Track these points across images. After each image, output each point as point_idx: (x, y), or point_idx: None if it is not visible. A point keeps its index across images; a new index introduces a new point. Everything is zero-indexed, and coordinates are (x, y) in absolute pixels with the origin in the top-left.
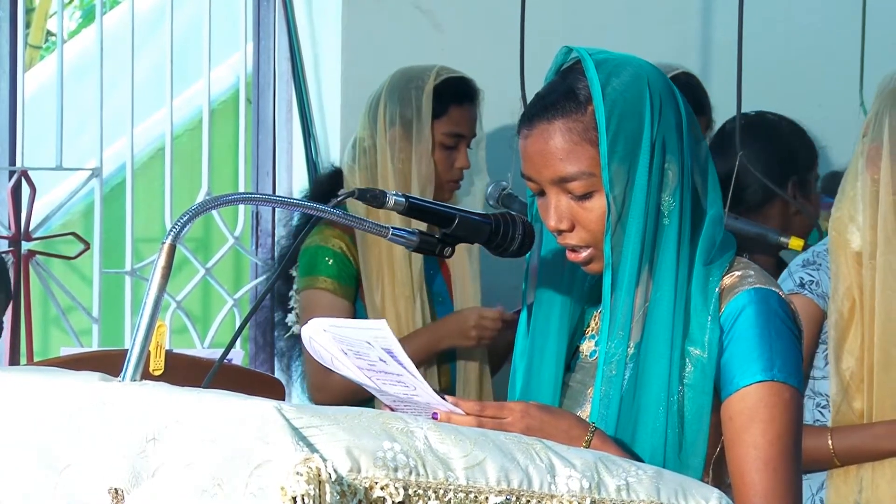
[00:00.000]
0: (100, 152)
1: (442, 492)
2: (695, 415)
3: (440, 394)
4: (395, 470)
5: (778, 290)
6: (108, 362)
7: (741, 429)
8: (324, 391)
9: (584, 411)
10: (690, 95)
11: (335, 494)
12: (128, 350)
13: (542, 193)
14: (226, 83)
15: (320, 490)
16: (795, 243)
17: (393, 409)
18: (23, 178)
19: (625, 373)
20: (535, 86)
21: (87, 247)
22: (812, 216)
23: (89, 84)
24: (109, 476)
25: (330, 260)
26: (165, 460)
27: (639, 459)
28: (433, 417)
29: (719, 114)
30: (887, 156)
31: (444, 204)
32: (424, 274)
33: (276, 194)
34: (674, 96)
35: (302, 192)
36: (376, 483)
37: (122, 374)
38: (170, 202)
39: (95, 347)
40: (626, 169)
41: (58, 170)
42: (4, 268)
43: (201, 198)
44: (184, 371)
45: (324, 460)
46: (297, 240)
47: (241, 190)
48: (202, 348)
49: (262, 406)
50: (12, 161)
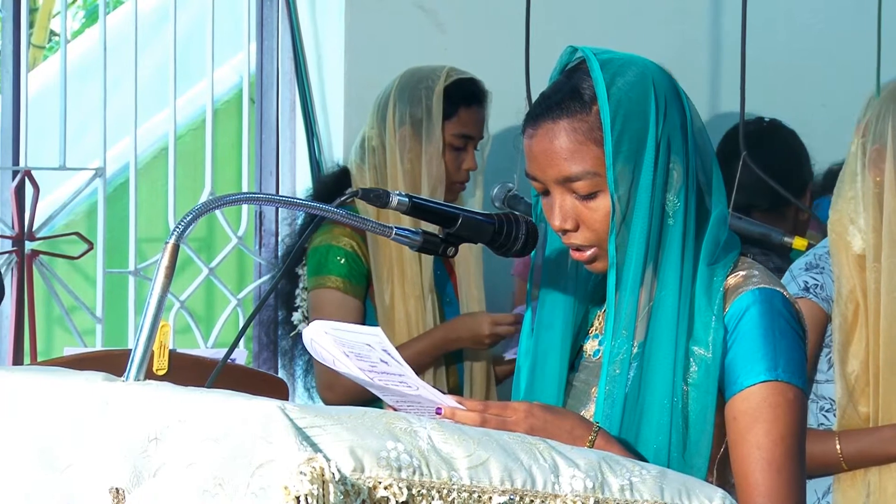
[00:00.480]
0: (103, 152)
1: (445, 491)
2: (699, 415)
3: (443, 392)
4: (399, 470)
5: (782, 290)
6: (111, 362)
7: (745, 429)
8: (334, 390)
9: (588, 411)
10: None
11: (339, 494)
12: (131, 350)
13: (546, 193)
14: (229, 83)
15: (324, 490)
16: (799, 243)
17: (396, 409)
18: (26, 178)
19: (629, 372)
20: (539, 86)
21: (91, 247)
22: (823, 225)
23: (93, 84)
24: (111, 476)
25: (342, 259)
26: (167, 460)
27: (643, 459)
28: (437, 412)
29: (724, 114)
30: (891, 158)
31: (448, 204)
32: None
33: (280, 194)
34: (679, 96)
35: (306, 191)
36: (380, 483)
37: (126, 373)
38: (173, 202)
39: (99, 347)
40: (631, 169)
41: (61, 169)
42: None
43: (205, 197)
44: (187, 371)
45: (327, 460)
46: (302, 238)
47: (245, 190)
48: (206, 348)
49: (265, 406)
50: (16, 161)
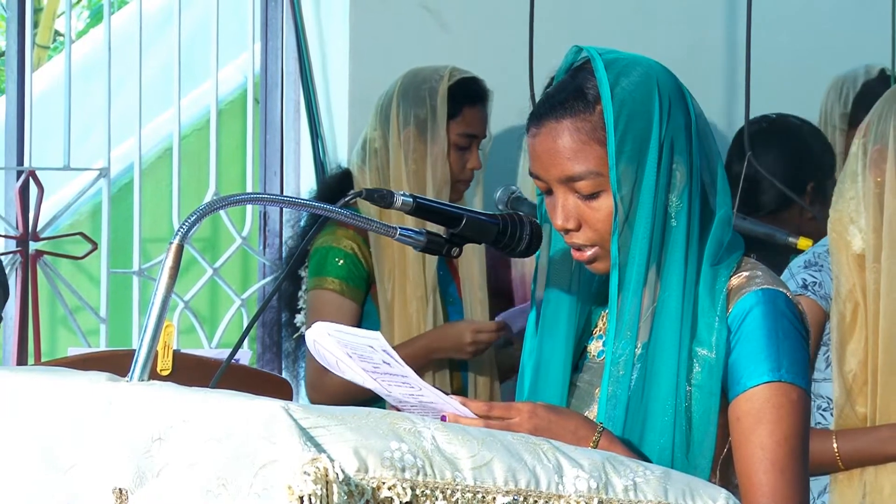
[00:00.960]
0: (107, 152)
1: (449, 492)
2: (702, 415)
3: (446, 393)
4: (403, 470)
5: (786, 291)
6: (115, 362)
7: (748, 429)
8: (320, 391)
9: (592, 411)
10: None
11: (343, 494)
12: (135, 350)
13: (549, 192)
14: (233, 83)
15: (328, 490)
16: (804, 244)
17: (399, 410)
18: (31, 178)
19: (632, 373)
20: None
21: (95, 247)
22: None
23: (97, 84)
24: (114, 476)
25: (340, 261)
26: (170, 460)
27: (646, 460)
28: (442, 419)
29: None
30: (892, 158)
31: (452, 204)
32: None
33: (284, 194)
34: (683, 97)
35: (310, 192)
36: (384, 483)
37: (130, 374)
38: (177, 202)
39: (103, 347)
40: (634, 169)
41: (66, 170)
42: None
43: (209, 198)
44: (191, 371)
45: (331, 460)
46: (305, 240)
47: (249, 190)
48: (210, 348)
49: (269, 406)
50: (20, 161)
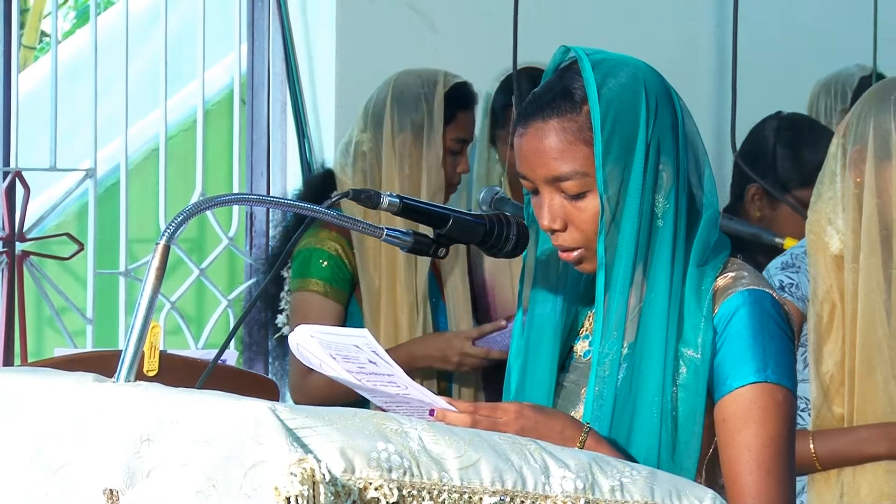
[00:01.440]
0: (94, 153)
1: (436, 492)
2: (688, 416)
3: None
4: (390, 470)
5: (771, 292)
6: (102, 363)
7: (734, 430)
8: (301, 392)
9: (578, 411)
10: None
11: (329, 495)
12: (122, 351)
13: (536, 192)
14: (220, 84)
15: (314, 491)
16: (790, 243)
17: (385, 411)
18: (17, 179)
19: (618, 373)
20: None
21: (81, 247)
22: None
23: (83, 85)
24: (104, 477)
25: (324, 262)
26: (160, 461)
27: (633, 460)
28: (430, 414)
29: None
30: (872, 159)
31: (439, 204)
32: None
33: (271, 195)
34: (670, 98)
35: (294, 192)
36: (370, 484)
37: (117, 374)
38: (164, 203)
39: (89, 348)
40: (621, 169)
41: (52, 170)
42: None
43: (195, 198)
44: (178, 372)
45: (318, 461)
46: (292, 241)
47: (236, 191)
48: (196, 349)
49: (256, 407)
50: (6, 162)
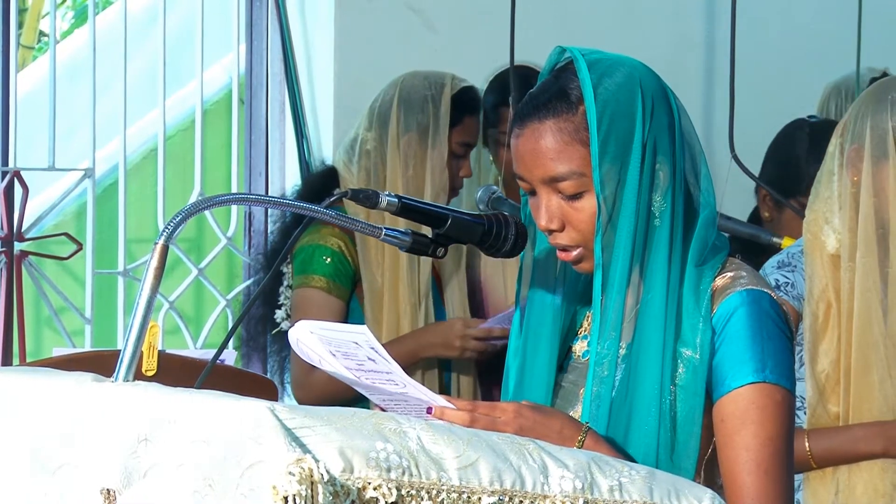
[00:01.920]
0: (92, 153)
1: (435, 492)
2: (686, 416)
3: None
4: (388, 470)
5: (770, 292)
6: (100, 363)
7: (733, 430)
8: (306, 389)
9: (576, 412)
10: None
11: (328, 495)
12: (120, 351)
13: (533, 193)
14: (218, 84)
15: (312, 490)
16: (788, 243)
17: (384, 409)
18: (15, 179)
19: (616, 373)
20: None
21: (80, 247)
22: None
23: (82, 84)
24: (101, 477)
25: (328, 259)
26: (157, 461)
27: (631, 460)
28: (427, 412)
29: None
30: (869, 158)
31: (437, 204)
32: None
33: (269, 195)
34: (666, 97)
35: (293, 189)
36: (369, 483)
37: (115, 374)
38: (162, 203)
39: (88, 348)
40: (618, 169)
41: (50, 170)
42: None
43: (194, 198)
44: (176, 372)
45: (316, 461)
46: (292, 238)
47: (234, 190)
48: (195, 349)
49: (254, 406)
50: (5, 161)
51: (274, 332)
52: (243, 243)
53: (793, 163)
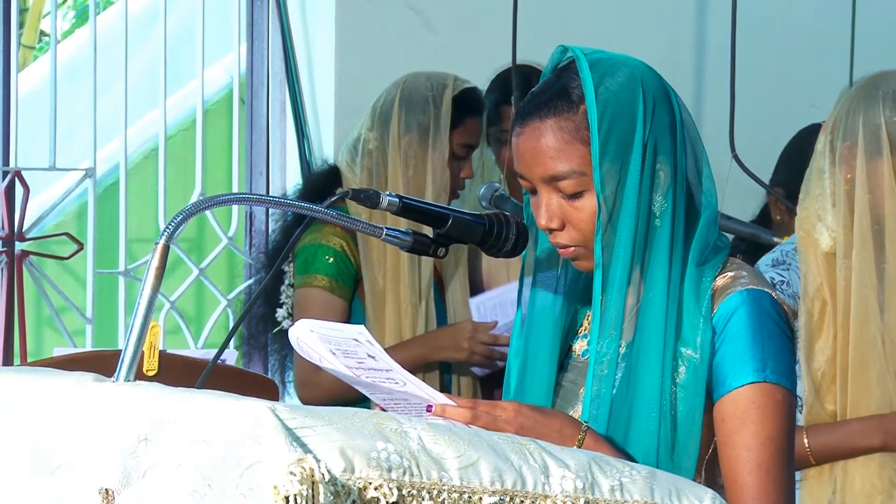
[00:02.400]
0: (93, 152)
1: (436, 492)
2: (687, 416)
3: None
4: (389, 470)
5: (771, 291)
6: (101, 363)
7: (733, 430)
8: (310, 387)
9: (576, 411)
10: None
11: (329, 495)
12: (121, 350)
13: (534, 191)
14: (219, 83)
15: (313, 490)
16: None
17: (384, 409)
18: (16, 179)
19: (616, 372)
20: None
21: (81, 247)
22: None
23: (83, 84)
24: (100, 476)
25: (330, 258)
26: (157, 461)
27: (631, 459)
28: (427, 409)
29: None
30: (862, 154)
31: (438, 204)
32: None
33: (270, 194)
34: (668, 97)
35: (294, 188)
36: (370, 483)
37: (116, 374)
38: (163, 202)
39: (89, 348)
40: (618, 169)
41: (51, 170)
42: None
43: (195, 198)
44: (177, 371)
45: (317, 461)
46: (293, 238)
47: (235, 190)
48: (196, 349)
49: (255, 406)
50: (6, 161)
51: (275, 331)
52: (244, 243)
53: (805, 167)
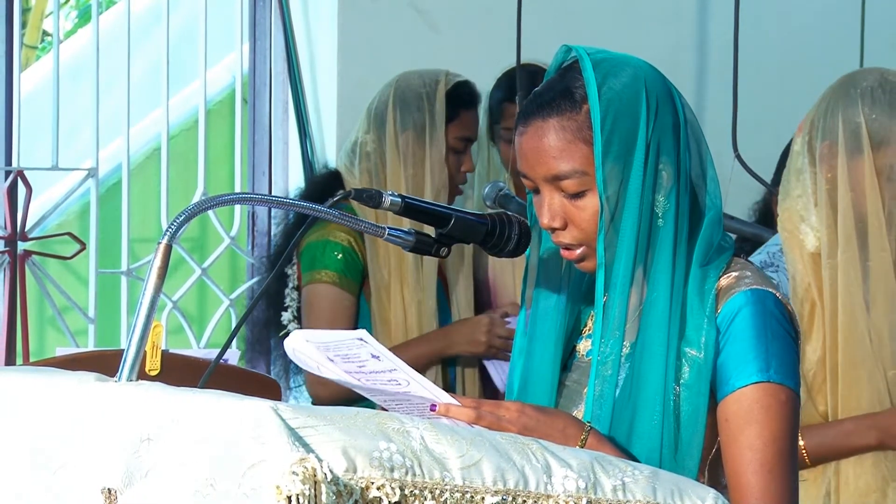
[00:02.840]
0: (96, 152)
1: (438, 492)
2: (690, 416)
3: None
4: (392, 470)
5: (775, 291)
6: (104, 363)
7: (737, 430)
8: (325, 385)
9: (580, 411)
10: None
11: (331, 495)
12: (124, 350)
13: (537, 191)
14: (222, 83)
15: (316, 490)
16: None
17: (386, 410)
18: (19, 179)
19: (619, 372)
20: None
21: (83, 247)
22: None
23: (85, 84)
24: (103, 476)
25: (339, 254)
26: (159, 460)
27: (634, 460)
28: (431, 408)
29: (716, 112)
30: (843, 153)
31: (441, 204)
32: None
33: (272, 194)
34: (671, 98)
35: (296, 190)
36: (372, 483)
37: (119, 374)
38: (166, 202)
39: (91, 348)
40: (621, 169)
41: (54, 170)
42: None
43: (197, 198)
44: (180, 371)
45: (319, 460)
46: (294, 240)
47: (237, 190)
48: (198, 348)
49: (257, 406)
50: (8, 161)
51: (281, 334)
52: (246, 243)
53: None
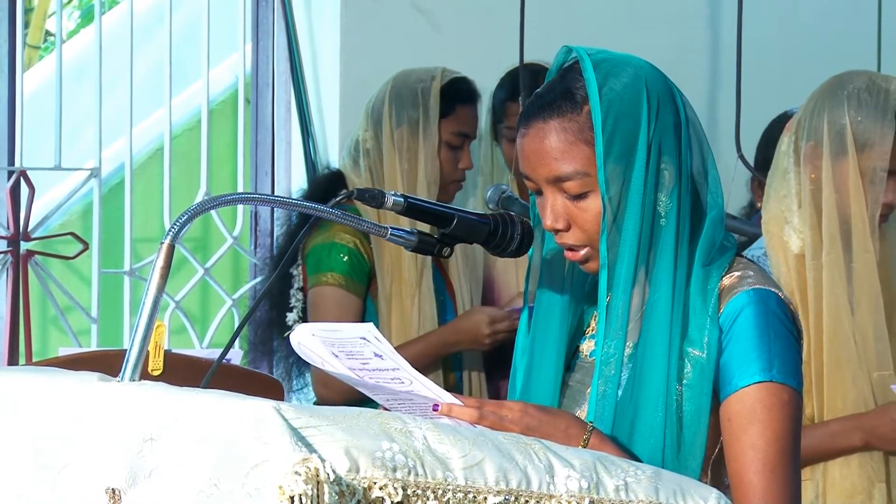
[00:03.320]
0: (98, 152)
1: (440, 492)
2: (693, 415)
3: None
4: (394, 470)
5: (777, 291)
6: (106, 362)
7: (740, 430)
8: (330, 386)
9: (583, 411)
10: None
11: (334, 494)
12: (126, 350)
13: (540, 192)
14: (224, 83)
15: (318, 490)
16: None
17: (388, 409)
18: (21, 178)
19: (622, 372)
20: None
21: (86, 247)
22: None
23: (88, 84)
24: (107, 476)
25: (345, 256)
26: (163, 460)
27: (637, 459)
28: (434, 408)
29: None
30: (828, 154)
31: (443, 204)
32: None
33: (275, 194)
34: (673, 97)
35: (299, 191)
36: (375, 483)
37: (121, 374)
38: (168, 202)
39: (94, 347)
40: (622, 169)
41: (56, 170)
42: None
43: (200, 198)
44: (182, 371)
45: (322, 460)
46: (297, 240)
47: (240, 190)
48: (201, 348)
49: (260, 406)
50: (11, 161)
51: (286, 335)
52: (249, 243)
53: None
